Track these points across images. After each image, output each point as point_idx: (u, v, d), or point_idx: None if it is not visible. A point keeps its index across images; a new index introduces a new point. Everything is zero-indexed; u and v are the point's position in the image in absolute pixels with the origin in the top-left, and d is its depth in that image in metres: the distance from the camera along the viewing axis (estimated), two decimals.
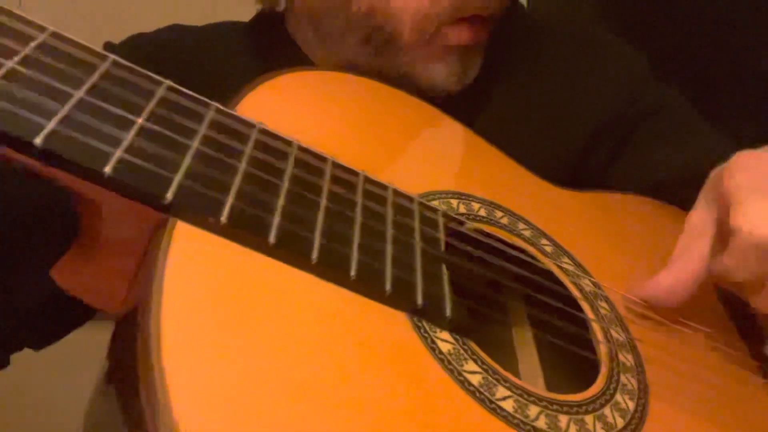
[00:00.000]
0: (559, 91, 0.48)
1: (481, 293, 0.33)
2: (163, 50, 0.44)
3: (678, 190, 0.48)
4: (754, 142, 0.35)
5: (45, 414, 0.89)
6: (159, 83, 0.27)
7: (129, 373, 0.20)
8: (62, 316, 0.38)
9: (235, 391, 0.21)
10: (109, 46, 0.44)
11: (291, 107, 0.36)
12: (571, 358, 0.34)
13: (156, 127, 0.25)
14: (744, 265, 0.30)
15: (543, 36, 0.50)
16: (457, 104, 0.45)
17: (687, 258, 0.34)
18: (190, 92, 0.27)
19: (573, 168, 0.47)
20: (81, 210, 0.28)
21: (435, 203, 0.35)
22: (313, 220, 0.27)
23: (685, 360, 0.34)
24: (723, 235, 0.32)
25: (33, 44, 0.24)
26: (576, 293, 0.36)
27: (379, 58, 0.42)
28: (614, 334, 0.34)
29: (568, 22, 0.52)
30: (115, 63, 0.26)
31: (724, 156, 0.45)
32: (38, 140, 0.22)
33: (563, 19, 0.52)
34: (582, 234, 0.42)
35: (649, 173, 0.49)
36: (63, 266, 0.31)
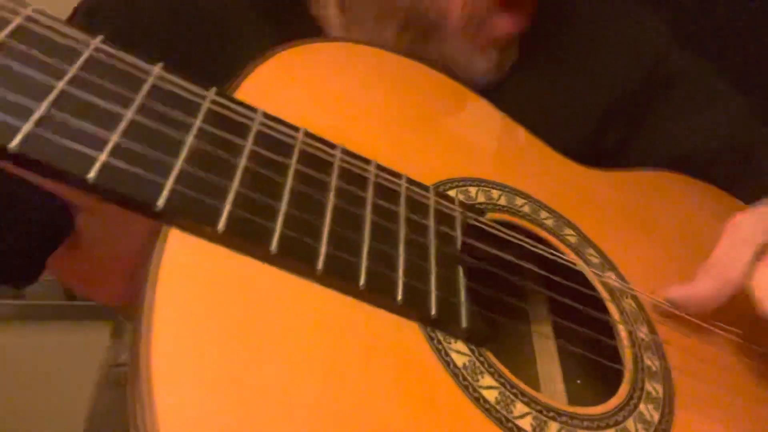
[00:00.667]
0: (577, 62, 0.46)
1: (498, 293, 0.31)
2: (173, 12, 0.41)
3: (704, 162, 0.47)
4: None
5: (47, 411, 0.91)
6: (149, 71, 0.24)
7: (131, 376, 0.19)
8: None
9: (226, 407, 0.19)
10: None
11: (300, 84, 0.33)
12: (594, 362, 0.32)
13: (146, 122, 0.23)
14: None
15: (560, 7, 0.46)
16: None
17: (728, 265, 0.31)
18: (182, 81, 0.25)
19: (593, 141, 0.45)
20: (73, 207, 0.26)
21: (452, 192, 0.32)
22: (320, 224, 0.24)
23: (716, 366, 0.32)
24: None
25: (6, 29, 0.22)
26: (601, 290, 0.34)
27: (417, 45, 0.39)
28: (640, 335, 0.32)
29: None
30: (99, 48, 0.24)
31: (750, 129, 0.42)
32: (13, 144, 0.20)
33: None
34: (609, 221, 0.39)
35: (673, 145, 0.47)
36: (59, 259, 0.30)
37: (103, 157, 0.21)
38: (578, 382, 0.32)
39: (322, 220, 0.25)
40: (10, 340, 0.84)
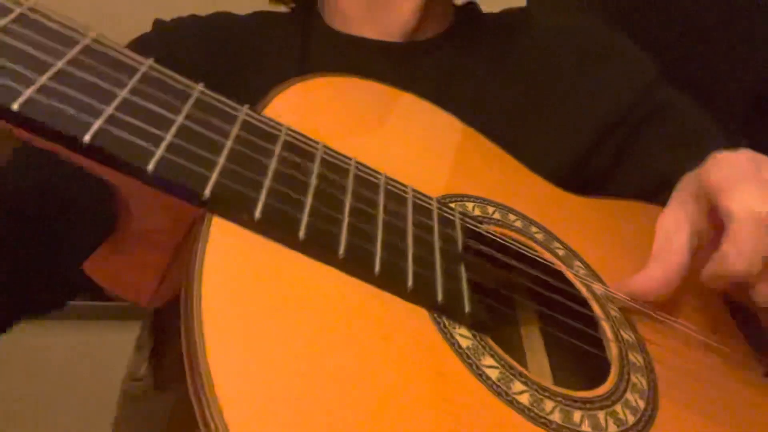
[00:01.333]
0: (564, 91, 0.49)
1: (495, 292, 0.34)
2: (214, 33, 0.47)
3: None
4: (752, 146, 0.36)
5: (76, 412, 0.90)
6: (193, 86, 0.28)
7: (173, 359, 0.22)
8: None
9: (270, 377, 0.22)
10: (159, 23, 0.47)
11: (314, 111, 0.37)
12: (580, 358, 0.35)
13: (193, 127, 0.26)
14: (744, 249, 0.31)
15: (549, 37, 0.51)
16: (463, 102, 0.46)
17: (669, 250, 0.35)
18: (221, 96, 0.29)
19: (578, 168, 0.48)
20: (118, 207, 0.29)
21: (452, 205, 0.36)
22: (340, 218, 0.28)
23: (694, 361, 0.35)
24: (707, 231, 0.33)
25: (77, 47, 0.26)
26: (587, 295, 0.37)
27: None
28: (624, 336, 0.35)
29: (577, 23, 0.53)
30: (152, 66, 0.28)
31: None
32: (87, 137, 0.23)
33: (571, 20, 0.53)
34: (592, 239, 0.43)
35: (655, 174, 0.49)
36: (97, 261, 0.32)
37: (160, 151, 0.24)
38: (564, 376, 0.35)
39: (342, 215, 0.28)
40: (46, 340, 0.83)
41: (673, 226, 0.35)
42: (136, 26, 0.48)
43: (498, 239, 0.35)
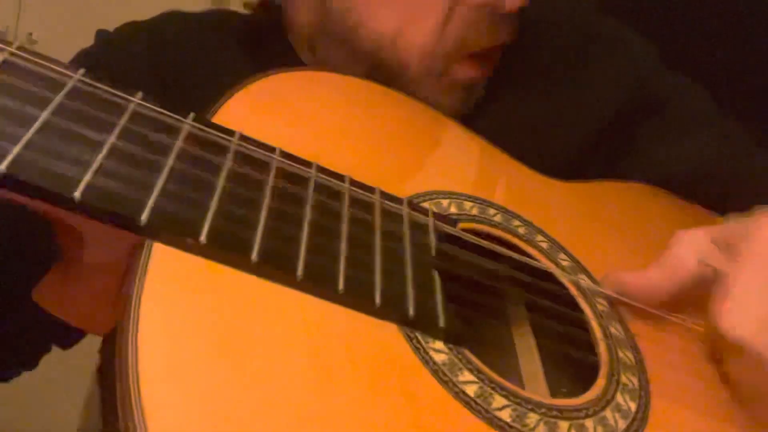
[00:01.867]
0: (562, 86, 0.47)
1: (476, 297, 0.32)
2: (158, 41, 0.43)
3: (688, 186, 0.47)
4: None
5: (42, 416, 0.89)
6: (130, 98, 0.26)
7: (110, 392, 0.20)
8: (44, 336, 0.37)
9: (219, 422, 0.20)
10: (102, 33, 0.43)
11: (276, 110, 0.35)
12: (573, 357, 0.33)
13: (128, 146, 0.24)
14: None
15: (545, 30, 0.48)
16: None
17: (676, 265, 0.32)
18: (160, 108, 0.26)
19: (578, 164, 0.46)
20: (60, 235, 0.27)
21: (425, 204, 0.34)
22: (298, 235, 0.26)
23: (684, 354, 0.34)
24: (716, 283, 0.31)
25: None
26: (574, 291, 0.35)
27: (389, 78, 0.41)
28: (613, 331, 0.34)
29: (572, 15, 0.49)
30: (82, 80, 0.25)
31: (737, 153, 0.42)
32: (2, 167, 0.21)
33: (567, 11, 0.50)
34: (577, 227, 0.41)
35: (658, 168, 0.47)
36: (44, 288, 0.30)
37: (87, 176, 0.22)
38: (559, 377, 0.33)
39: (300, 232, 0.26)
40: None
41: (701, 245, 0.33)
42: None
43: (474, 240, 0.33)
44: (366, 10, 0.39)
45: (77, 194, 0.22)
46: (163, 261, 0.23)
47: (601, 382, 0.30)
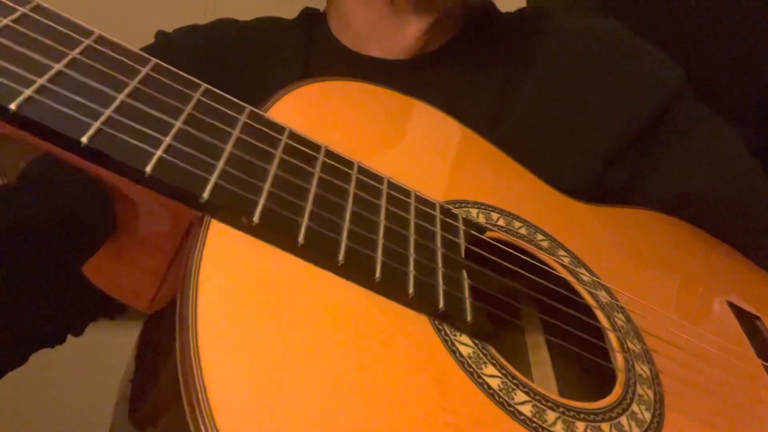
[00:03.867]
0: (586, 97, 0.47)
1: (498, 300, 0.34)
2: (215, 43, 0.46)
3: (703, 207, 0.48)
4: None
5: (72, 410, 0.90)
6: (196, 87, 0.28)
7: (166, 360, 0.21)
8: (93, 305, 0.39)
9: (265, 381, 0.21)
10: (162, 33, 0.47)
11: (319, 113, 0.37)
12: (585, 368, 0.34)
13: (193, 130, 0.26)
14: None
15: (570, 40, 0.49)
16: (476, 113, 0.46)
17: None
18: (225, 95, 0.28)
19: (596, 181, 0.47)
20: (118, 208, 0.29)
21: (455, 211, 0.36)
22: (340, 223, 0.28)
23: (701, 373, 0.35)
24: None
25: (79, 48, 0.26)
26: (593, 303, 0.36)
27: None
28: (630, 345, 0.35)
29: (599, 26, 0.50)
30: (154, 67, 0.28)
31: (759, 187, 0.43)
32: (84, 139, 0.23)
33: (592, 21, 0.51)
34: (597, 247, 0.42)
35: (675, 190, 0.48)
36: (95, 263, 0.32)
37: (158, 153, 0.24)
38: (569, 386, 0.34)
39: (343, 219, 0.28)
40: None
41: None
42: (144, 34, 0.48)
43: (501, 247, 0.35)
44: None
45: (148, 168, 0.24)
46: (220, 239, 0.25)
47: (618, 390, 0.31)
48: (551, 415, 0.28)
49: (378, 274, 0.27)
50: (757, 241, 0.48)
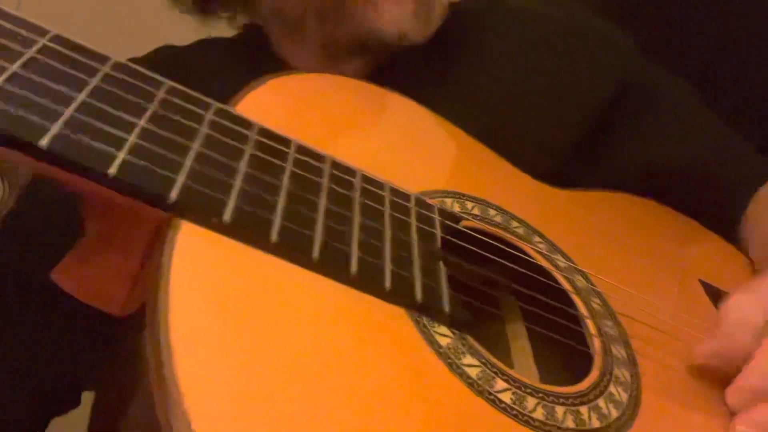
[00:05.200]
0: (545, 77, 0.48)
1: (476, 289, 0.34)
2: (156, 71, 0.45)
3: (672, 181, 0.49)
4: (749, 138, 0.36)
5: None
6: (160, 85, 0.27)
7: (138, 366, 0.21)
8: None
9: (242, 384, 0.21)
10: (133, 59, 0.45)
11: (290, 106, 0.36)
12: (564, 353, 0.35)
13: (158, 129, 0.26)
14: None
15: (526, 23, 0.49)
16: (442, 93, 0.45)
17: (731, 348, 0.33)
18: (191, 92, 0.28)
19: (563, 156, 0.47)
20: (85, 212, 0.28)
21: (431, 202, 0.36)
22: (314, 219, 0.27)
23: (677, 354, 0.35)
24: None
25: (35, 47, 0.25)
26: (569, 289, 0.36)
27: (336, 27, 0.44)
28: (606, 329, 0.35)
29: (552, 8, 0.51)
30: (115, 66, 0.27)
31: (723, 152, 0.43)
32: (44, 142, 0.22)
33: (548, 5, 0.52)
34: (572, 231, 0.43)
35: (637, 163, 0.48)
36: (64, 268, 0.31)
37: (122, 154, 0.23)
38: (549, 371, 0.34)
39: (317, 215, 0.27)
40: None
41: (747, 317, 0.33)
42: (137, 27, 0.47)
43: (477, 236, 0.35)
44: None
45: (112, 170, 0.23)
46: (191, 239, 0.24)
47: (595, 374, 0.32)
48: (531, 401, 0.28)
49: (354, 268, 0.27)
50: (719, 202, 0.49)
